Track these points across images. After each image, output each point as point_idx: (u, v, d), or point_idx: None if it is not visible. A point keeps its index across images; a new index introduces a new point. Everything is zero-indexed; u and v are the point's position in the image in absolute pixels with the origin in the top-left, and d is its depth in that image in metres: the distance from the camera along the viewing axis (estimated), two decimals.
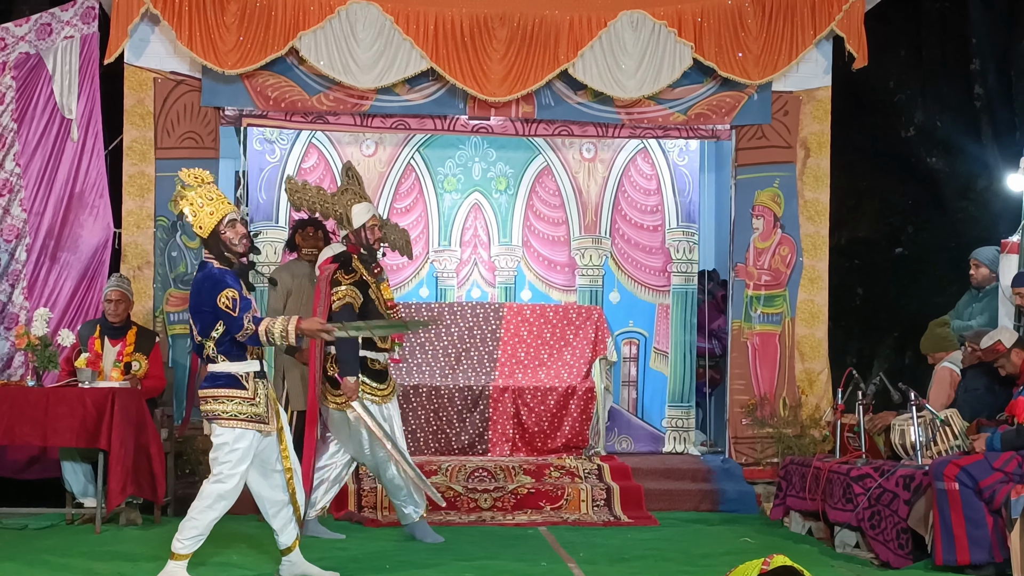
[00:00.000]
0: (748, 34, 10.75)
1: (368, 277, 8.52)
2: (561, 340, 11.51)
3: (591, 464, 10.50)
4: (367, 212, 8.60)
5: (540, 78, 10.61)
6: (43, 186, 10.53)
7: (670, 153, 12.39)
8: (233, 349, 7.01)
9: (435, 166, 12.44)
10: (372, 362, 8.49)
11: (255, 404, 7.04)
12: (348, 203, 8.64)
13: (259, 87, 10.52)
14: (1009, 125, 13.20)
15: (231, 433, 6.98)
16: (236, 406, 6.99)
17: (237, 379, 7.03)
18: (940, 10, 14.11)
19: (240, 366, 7.04)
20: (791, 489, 9.31)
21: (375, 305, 8.50)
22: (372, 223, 8.59)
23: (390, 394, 8.56)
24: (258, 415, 7.03)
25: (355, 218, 8.57)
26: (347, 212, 8.61)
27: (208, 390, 7.03)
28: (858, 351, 13.80)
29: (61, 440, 8.76)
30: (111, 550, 7.99)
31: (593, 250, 12.43)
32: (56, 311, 10.24)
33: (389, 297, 8.65)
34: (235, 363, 7.04)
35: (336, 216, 8.64)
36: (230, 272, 7.04)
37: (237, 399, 7.00)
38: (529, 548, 8.32)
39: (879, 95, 14.12)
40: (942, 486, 7.39)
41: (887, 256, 14.22)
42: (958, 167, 13.80)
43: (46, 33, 10.58)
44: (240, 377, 7.05)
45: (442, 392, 10.95)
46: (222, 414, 6.97)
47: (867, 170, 13.99)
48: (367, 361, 8.46)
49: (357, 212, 8.58)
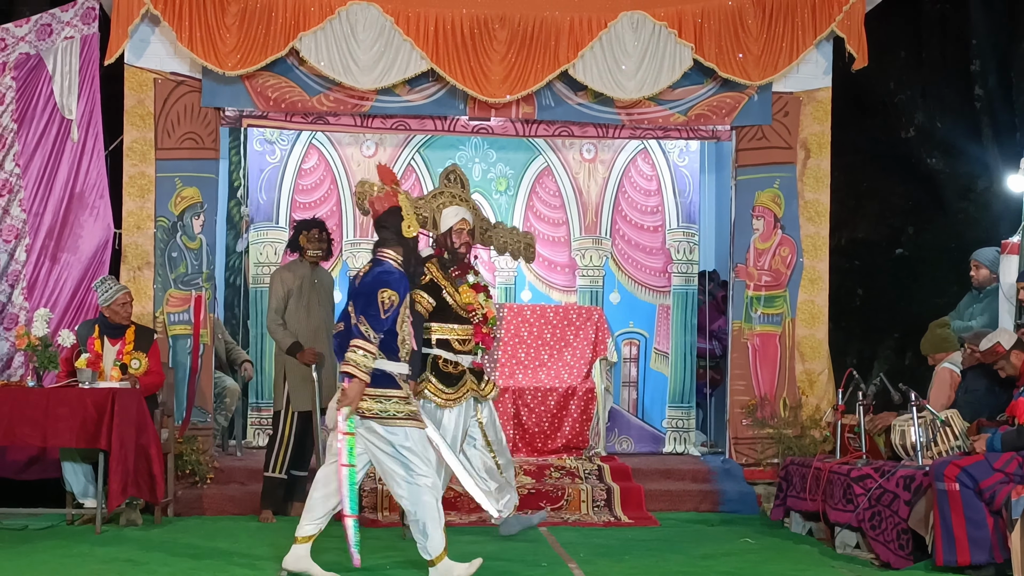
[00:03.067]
0: (748, 35, 10.74)
1: (443, 281, 8.46)
2: (561, 341, 11.51)
3: (591, 465, 10.50)
4: (455, 215, 8.55)
5: (540, 79, 10.60)
6: (43, 186, 10.53)
7: (670, 154, 12.40)
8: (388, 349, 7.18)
9: (435, 167, 12.43)
10: (444, 363, 8.43)
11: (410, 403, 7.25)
12: (439, 207, 8.66)
13: (259, 88, 10.52)
14: (1009, 126, 13.21)
15: (402, 432, 7.13)
16: (394, 405, 7.17)
17: (393, 379, 7.20)
18: (940, 11, 14.12)
19: (394, 367, 7.22)
20: (791, 490, 9.31)
21: (453, 310, 8.47)
22: (460, 226, 8.52)
23: (457, 400, 8.41)
24: (414, 412, 7.22)
25: (443, 221, 8.57)
26: (436, 215, 8.63)
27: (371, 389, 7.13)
28: (858, 352, 13.80)
29: (61, 441, 8.76)
30: (111, 551, 7.99)
31: (593, 251, 12.43)
32: (56, 311, 10.24)
33: (469, 302, 8.49)
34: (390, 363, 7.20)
35: (421, 220, 8.54)
36: (405, 278, 7.26)
37: (395, 399, 7.18)
38: (529, 549, 8.32)
39: (879, 96, 14.13)
40: (942, 487, 7.39)
41: (887, 257, 14.23)
42: (958, 168, 13.80)
43: (46, 34, 10.58)
44: (396, 377, 7.22)
45: None
46: (396, 414, 7.15)
47: (867, 171, 14.00)
48: (438, 361, 8.42)
49: (446, 215, 8.57)
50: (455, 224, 8.53)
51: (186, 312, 10.44)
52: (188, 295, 10.45)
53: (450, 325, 8.45)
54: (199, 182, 10.54)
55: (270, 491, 9.52)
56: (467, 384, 8.45)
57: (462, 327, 8.48)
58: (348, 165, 12.32)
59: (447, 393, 8.37)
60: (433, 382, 8.34)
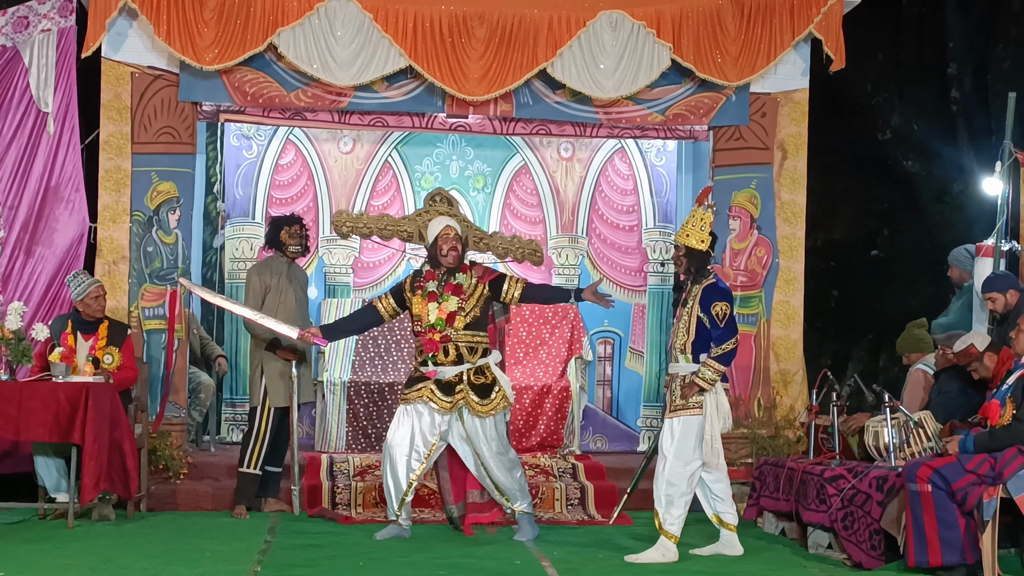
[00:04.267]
0: (726, 35, 10.76)
1: (408, 293, 8.68)
2: (537, 339, 11.51)
3: (565, 463, 10.51)
4: (440, 223, 8.69)
5: (518, 77, 10.59)
6: (18, 179, 10.48)
7: (647, 153, 12.43)
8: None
9: (412, 164, 12.44)
10: (415, 369, 8.69)
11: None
12: (426, 222, 8.95)
13: (237, 83, 10.48)
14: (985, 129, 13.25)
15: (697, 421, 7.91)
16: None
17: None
18: (918, 14, 14.16)
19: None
20: (765, 489, 9.33)
21: (414, 321, 8.70)
22: (445, 232, 8.62)
23: (407, 399, 8.59)
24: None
25: (429, 232, 8.70)
26: (422, 229, 8.95)
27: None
28: (833, 353, 13.84)
29: (34, 434, 8.71)
30: (83, 545, 7.96)
31: (570, 249, 12.45)
32: (30, 305, 10.19)
33: (416, 313, 8.60)
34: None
35: (403, 237, 9.14)
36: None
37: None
38: (503, 546, 8.32)
39: (856, 98, 14.16)
40: (915, 488, 7.41)
41: (863, 258, 14.27)
42: (934, 170, 13.85)
43: (23, 26, 10.53)
44: None
45: None
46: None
47: (844, 172, 14.04)
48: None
49: (432, 226, 8.73)
50: (440, 231, 8.62)
51: (161, 307, 10.40)
52: (163, 290, 10.41)
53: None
54: (175, 177, 10.50)
55: (244, 487, 9.51)
56: (423, 391, 8.52)
57: (417, 337, 8.69)
58: (325, 161, 12.31)
59: (404, 392, 8.64)
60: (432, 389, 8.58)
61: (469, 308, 8.56)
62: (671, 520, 7.90)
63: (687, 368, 7.96)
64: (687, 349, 7.96)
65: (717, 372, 7.86)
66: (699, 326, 7.93)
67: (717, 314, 7.88)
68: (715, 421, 7.94)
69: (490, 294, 8.66)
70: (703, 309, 7.92)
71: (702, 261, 8.05)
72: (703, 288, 7.98)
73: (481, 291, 8.62)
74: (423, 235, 8.92)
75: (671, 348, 8.16)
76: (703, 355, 7.92)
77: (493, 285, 8.66)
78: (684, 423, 7.92)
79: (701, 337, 7.94)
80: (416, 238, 9.05)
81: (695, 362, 7.94)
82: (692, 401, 7.90)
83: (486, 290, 8.64)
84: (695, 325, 7.94)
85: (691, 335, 7.95)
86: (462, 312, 8.53)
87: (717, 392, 7.94)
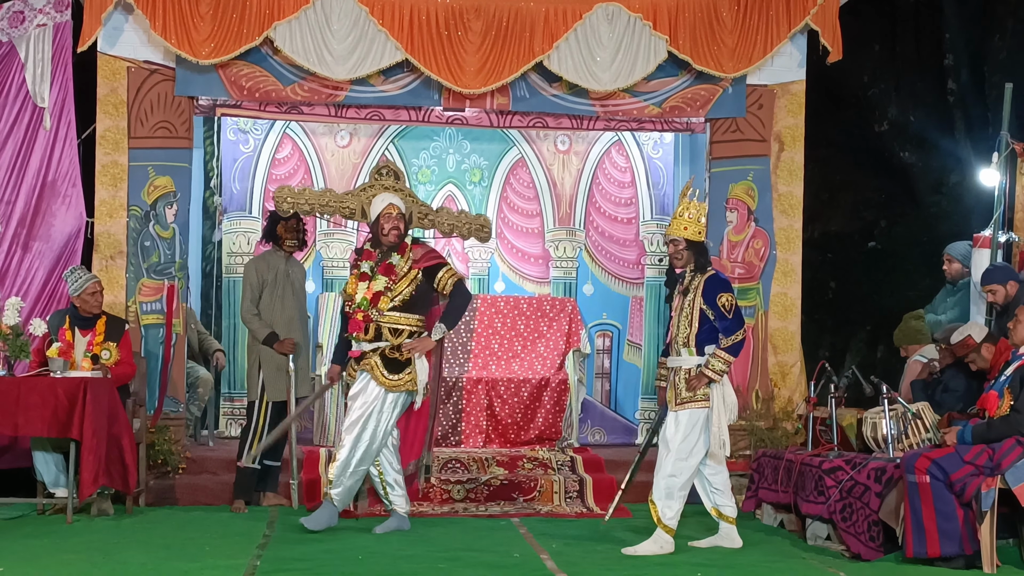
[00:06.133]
0: (723, 27, 10.76)
1: (353, 272, 8.65)
2: (535, 332, 11.51)
3: (564, 456, 10.51)
4: (383, 201, 8.59)
5: (515, 70, 10.59)
6: (15, 175, 10.47)
7: (644, 146, 12.42)
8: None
9: (409, 157, 12.43)
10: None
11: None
12: (369, 197, 8.77)
13: (233, 77, 10.47)
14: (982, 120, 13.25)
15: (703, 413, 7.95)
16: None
17: None
18: (914, 5, 14.14)
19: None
20: (763, 481, 9.34)
21: (345, 302, 8.68)
22: (387, 211, 8.53)
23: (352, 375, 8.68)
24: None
25: (372, 210, 8.63)
26: (365, 206, 8.77)
27: None
28: (831, 344, 13.84)
29: (33, 430, 8.72)
30: (82, 540, 7.96)
31: (567, 242, 12.45)
32: (28, 300, 10.18)
33: (351, 293, 8.57)
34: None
35: (345, 213, 8.86)
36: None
37: None
38: (502, 539, 8.33)
39: (853, 89, 14.15)
40: (913, 479, 7.42)
41: (860, 250, 14.27)
42: (931, 162, 13.84)
43: (18, 21, 10.52)
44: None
45: None
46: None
47: (841, 164, 14.03)
48: None
49: (374, 203, 8.64)
50: (383, 209, 8.53)
51: (158, 302, 10.39)
52: (160, 284, 10.40)
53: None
54: (172, 171, 10.49)
55: (243, 481, 9.50)
56: (348, 371, 8.65)
57: (344, 317, 8.72)
58: (322, 155, 12.30)
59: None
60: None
61: (398, 290, 8.45)
62: (670, 514, 7.90)
63: (692, 361, 7.94)
64: (691, 342, 7.94)
65: (727, 363, 7.85)
66: (702, 318, 7.92)
67: (724, 305, 7.87)
68: (722, 413, 7.92)
69: (424, 280, 8.51)
70: (707, 301, 7.90)
71: (703, 252, 8.05)
72: (705, 280, 7.96)
73: (414, 275, 8.50)
74: (366, 212, 8.76)
75: (671, 341, 8.12)
76: (709, 347, 7.91)
77: (428, 272, 8.52)
78: (690, 415, 7.90)
79: (704, 330, 7.93)
80: (358, 215, 8.81)
81: (699, 355, 7.92)
82: (700, 393, 7.89)
83: (420, 275, 8.51)
84: (698, 317, 7.93)
85: (694, 328, 7.94)
86: (389, 292, 8.43)
87: (724, 384, 7.93)
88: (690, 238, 8.00)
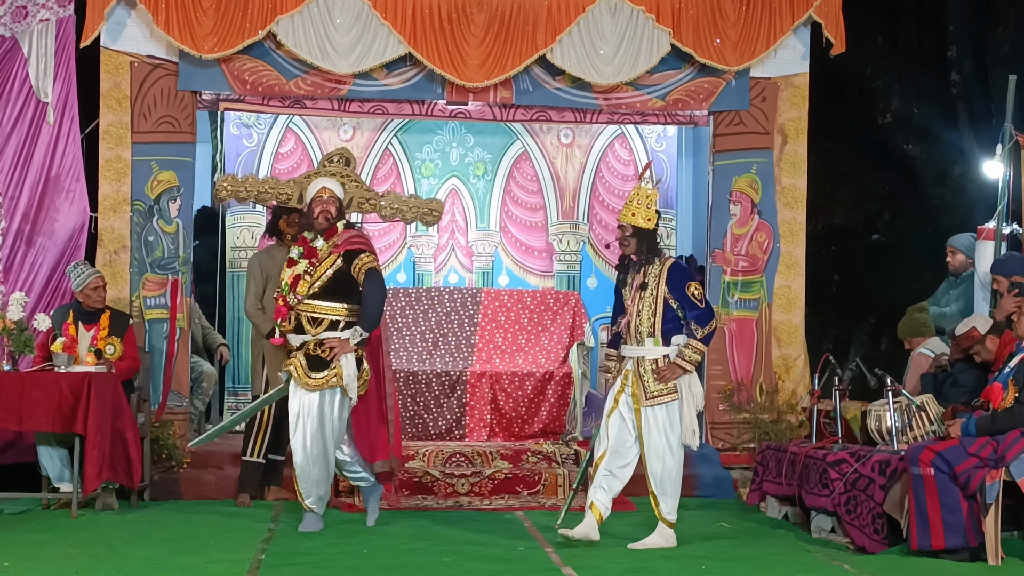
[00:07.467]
0: (726, 20, 10.75)
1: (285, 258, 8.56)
2: (539, 325, 11.52)
3: (568, 449, 10.51)
4: (316, 186, 8.43)
5: (518, 63, 10.59)
6: (18, 170, 10.47)
7: (648, 139, 12.41)
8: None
9: (413, 151, 12.42)
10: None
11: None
12: (307, 183, 8.58)
13: (236, 71, 10.47)
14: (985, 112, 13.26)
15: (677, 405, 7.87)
16: None
17: None
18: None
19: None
20: (767, 474, 9.34)
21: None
22: (319, 195, 8.36)
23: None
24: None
25: (307, 195, 8.48)
26: (303, 191, 8.56)
27: None
28: (834, 337, 13.86)
29: (37, 425, 8.72)
30: (87, 535, 7.97)
31: (571, 235, 12.45)
32: (32, 295, 10.19)
33: (281, 280, 8.43)
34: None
35: (283, 200, 8.63)
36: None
37: None
38: (506, 533, 8.33)
39: (856, 82, 14.17)
40: (917, 471, 7.42)
41: (864, 242, 14.29)
42: (935, 154, 13.85)
43: (21, 16, 10.51)
44: None
45: (419, 377, 10.94)
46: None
47: (844, 157, 14.04)
48: None
49: (310, 188, 8.48)
50: (315, 193, 8.37)
51: (162, 296, 10.40)
52: (164, 279, 10.41)
53: None
54: (176, 166, 10.50)
55: (247, 475, 9.51)
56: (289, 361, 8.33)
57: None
58: (325, 149, 12.26)
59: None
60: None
61: (317, 274, 8.22)
62: (667, 508, 7.89)
63: (657, 351, 7.84)
64: (656, 331, 7.85)
65: (701, 353, 7.81)
66: (666, 307, 7.85)
67: (694, 295, 7.78)
68: (691, 403, 7.86)
69: (344, 264, 8.22)
70: (673, 291, 7.81)
71: (652, 240, 7.95)
72: (667, 268, 7.86)
73: (334, 260, 8.24)
74: (303, 197, 8.57)
75: (631, 331, 7.95)
76: (677, 337, 7.84)
77: (346, 256, 8.22)
78: (668, 409, 7.84)
79: (668, 318, 7.85)
80: (296, 200, 8.68)
81: (665, 344, 7.85)
82: (670, 386, 7.83)
83: (340, 260, 8.23)
84: (662, 306, 7.85)
85: (659, 317, 7.85)
86: (308, 276, 8.22)
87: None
88: (637, 224, 7.91)
